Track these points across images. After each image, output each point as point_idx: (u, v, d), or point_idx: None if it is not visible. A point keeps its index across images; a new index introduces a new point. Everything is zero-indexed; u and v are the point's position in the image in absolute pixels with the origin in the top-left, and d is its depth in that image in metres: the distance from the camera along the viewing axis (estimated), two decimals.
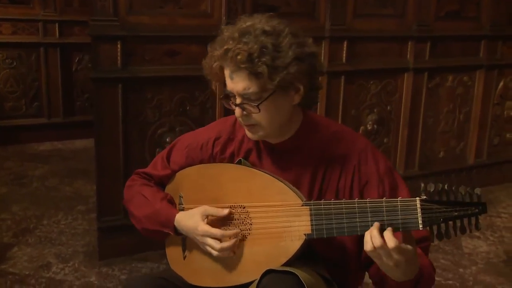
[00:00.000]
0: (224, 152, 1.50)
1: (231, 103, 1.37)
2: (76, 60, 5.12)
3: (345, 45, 3.38)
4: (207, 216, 1.42)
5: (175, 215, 1.47)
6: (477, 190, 1.24)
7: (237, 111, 1.35)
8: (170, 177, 1.59)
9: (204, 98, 3.03)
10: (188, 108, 3.00)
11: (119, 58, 2.75)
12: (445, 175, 4.07)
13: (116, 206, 2.91)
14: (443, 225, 1.23)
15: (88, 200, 3.73)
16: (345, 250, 1.42)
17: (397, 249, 1.18)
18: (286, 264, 1.33)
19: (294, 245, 1.32)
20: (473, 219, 1.24)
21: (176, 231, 1.48)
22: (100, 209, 2.90)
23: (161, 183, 1.61)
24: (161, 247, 2.99)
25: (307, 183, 1.41)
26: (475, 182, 4.21)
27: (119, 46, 2.74)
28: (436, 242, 1.35)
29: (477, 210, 1.23)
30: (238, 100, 1.34)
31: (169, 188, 1.59)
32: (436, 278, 2.81)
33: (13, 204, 3.61)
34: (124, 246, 2.94)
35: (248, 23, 1.33)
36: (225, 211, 1.40)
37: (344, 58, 3.40)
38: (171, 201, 1.55)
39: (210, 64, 1.37)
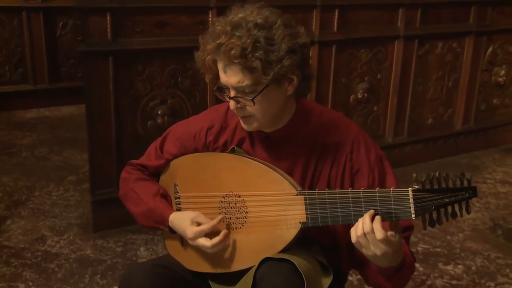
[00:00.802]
0: (217, 141, 1.51)
1: (225, 96, 1.37)
2: (60, 25, 5.01)
3: (336, 14, 3.35)
4: (196, 222, 1.43)
5: (169, 215, 1.49)
6: (468, 175, 1.26)
7: (232, 103, 1.35)
8: (164, 166, 1.59)
9: (195, 69, 2.98)
10: (179, 80, 2.97)
11: (108, 30, 2.70)
12: (433, 142, 4.12)
13: (109, 179, 2.91)
14: (434, 212, 1.25)
15: (79, 170, 3.73)
16: (337, 236, 1.45)
17: (385, 240, 1.22)
18: (282, 251, 1.36)
19: (290, 233, 1.35)
20: (463, 204, 1.26)
21: (171, 229, 1.50)
22: (93, 182, 2.90)
23: (156, 173, 1.62)
24: None
25: (300, 171, 1.43)
26: (462, 148, 4.29)
27: (108, 18, 2.69)
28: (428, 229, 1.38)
29: (467, 195, 1.26)
30: (232, 93, 1.34)
31: (164, 177, 1.60)
32: (424, 246, 2.90)
33: (3, 174, 3.59)
34: (118, 218, 2.96)
35: (240, 15, 1.31)
36: (214, 222, 1.41)
37: (335, 27, 3.37)
38: (164, 195, 1.56)
39: (203, 58, 1.36)
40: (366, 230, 1.23)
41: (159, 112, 2.95)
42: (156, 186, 1.57)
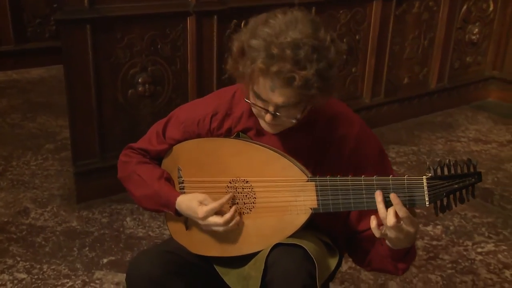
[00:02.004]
0: (221, 128, 1.49)
1: (260, 107, 1.31)
2: None
3: None
4: (205, 205, 1.43)
5: (175, 198, 1.47)
6: (474, 161, 1.30)
7: (269, 117, 1.31)
8: (166, 151, 1.57)
9: (175, 35, 2.94)
10: (159, 46, 2.90)
11: None
12: (408, 101, 4.18)
13: (91, 149, 2.88)
14: (445, 198, 1.29)
15: (56, 138, 3.66)
16: (335, 216, 1.47)
17: (411, 221, 1.26)
18: (291, 236, 1.38)
19: (299, 218, 1.37)
20: (470, 188, 1.30)
21: (177, 212, 1.49)
22: (74, 153, 2.86)
23: (158, 157, 1.60)
24: None
25: (303, 163, 1.43)
26: (436, 107, 4.37)
27: None
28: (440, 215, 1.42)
29: (473, 180, 1.29)
30: (271, 109, 1.30)
31: (166, 162, 1.58)
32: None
33: None
34: (102, 188, 2.95)
35: (291, 34, 1.23)
36: (224, 200, 1.41)
37: None
38: (168, 179, 1.54)
39: (247, 71, 1.27)
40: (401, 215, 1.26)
41: (139, 80, 2.89)
42: (159, 169, 1.55)
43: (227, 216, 1.40)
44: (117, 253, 2.51)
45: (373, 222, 1.29)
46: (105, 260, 2.46)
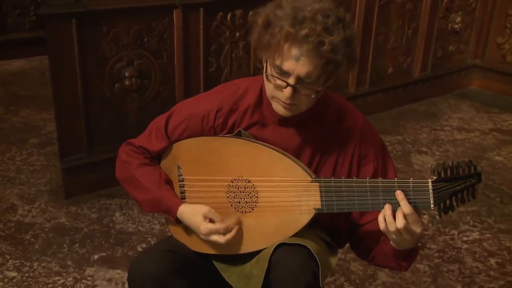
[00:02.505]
0: (226, 124, 1.48)
1: (281, 79, 1.31)
2: None
3: None
4: (208, 218, 1.43)
5: (177, 206, 1.47)
6: (474, 162, 1.32)
7: (288, 90, 1.30)
8: (167, 149, 1.56)
9: (161, 28, 2.91)
10: (145, 39, 2.88)
11: None
12: (393, 91, 4.21)
13: (79, 144, 2.85)
14: (448, 200, 1.31)
15: (40, 132, 3.61)
16: (337, 218, 1.48)
17: (416, 220, 1.28)
18: (293, 235, 1.39)
19: (303, 218, 1.38)
20: (470, 189, 1.32)
21: (178, 219, 1.49)
22: (62, 148, 2.83)
23: (158, 155, 1.59)
24: None
25: (308, 155, 1.45)
26: (420, 95, 4.41)
27: None
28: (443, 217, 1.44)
29: (473, 181, 1.32)
30: (292, 81, 1.29)
31: (166, 159, 1.57)
32: None
33: None
34: (90, 183, 2.93)
35: (318, 5, 1.26)
36: (229, 223, 1.41)
37: None
38: (168, 181, 1.53)
39: (274, 39, 1.26)
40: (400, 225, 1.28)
41: (126, 74, 2.86)
42: (158, 172, 1.54)
43: (229, 236, 1.42)
44: (108, 249, 2.51)
45: (380, 219, 1.31)
46: (96, 257, 2.45)
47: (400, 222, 1.27)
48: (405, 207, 1.27)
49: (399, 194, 1.28)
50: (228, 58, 3.22)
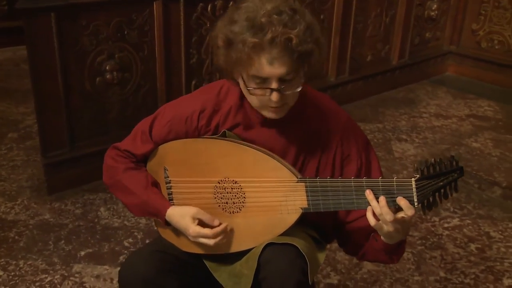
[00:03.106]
0: (209, 125, 1.49)
1: (264, 89, 1.32)
2: None
3: None
4: (197, 219, 1.44)
5: (165, 209, 1.48)
6: (456, 157, 1.35)
7: (275, 95, 1.31)
8: (152, 151, 1.56)
9: (141, 20, 2.88)
10: (126, 32, 2.85)
11: None
12: (372, 78, 4.25)
13: (60, 140, 2.82)
14: (431, 196, 1.34)
15: (18, 126, 3.56)
16: (323, 213, 1.50)
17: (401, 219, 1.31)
18: (282, 234, 1.41)
19: (290, 217, 1.40)
20: (453, 184, 1.36)
21: (166, 222, 1.50)
22: (43, 144, 2.79)
23: (144, 159, 1.58)
24: None
25: (293, 154, 1.46)
26: (398, 82, 4.47)
27: None
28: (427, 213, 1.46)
29: (456, 175, 1.35)
30: (275, 85, 1.31)
31: (152, 162, 1.57)
32: None
33: None
34: (72, 177, 2.91)
35: (268, 5, 1.27)
36: (216, 222, 1.43)
37: None
38: (155, 184, 1.53)
39: (242, 54, 1.27)
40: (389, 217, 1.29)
41: (107, 68, 2.83)
42: (144, 175, 1.54)
43: (217, 239, 1.43)
44: (94, 245, 2.50)
45: (369, 216, 1.33)
46: (82, 253, 2.44)
47: (390, 216, 1.29)
48: (407, 210, 1.29)
49: (382, 200, 1.30)
50: (209, 49, 3.20)
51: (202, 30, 3.13)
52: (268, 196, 1.40)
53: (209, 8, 3.09)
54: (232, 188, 1.44)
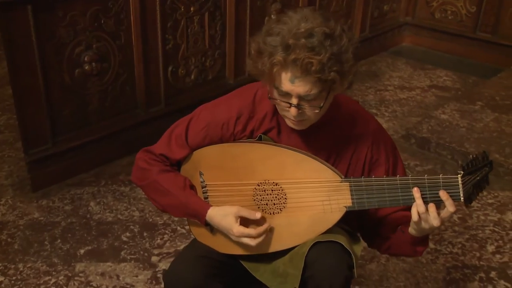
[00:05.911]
0: (245, 130, 1.51)
1: (284, 101, 1.37)
2: None
3: None
4: (240, 217, 1.47)
5: (206, 210, 1.49)
6: (487, 152, 1.45)
7: (293, 110, 1.36)
8: (187, 156, 1.56)
9: (118, 8, 2.81)
10: (102, 21, 2.76)
11: None
12: None
13: (42, 135, 2.74)
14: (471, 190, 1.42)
15: None
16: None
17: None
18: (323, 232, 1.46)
19: (333, 216, 1.45)
20: (485, 177, 1.45)
21: (206, 222, 1.52)
22: (25, 141, 2.70)
23: (178, 163, 1.59)
24: (93, 166, 2.91)
25: (323, 158, 1.49)
26: (360, 56, 4.56)
27: None
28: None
29: (487, 169, 1.45)
30: (295, 101, 1.35)
31: (186, 166, 1.57)
32: None
33: None
34: (56, 173, 2.84)
35: (304, 24, 1.29)
36: (258, 215, 1.46)
37: None
38: (192, 186, 1.55)
39: (267, 67, 1.33)
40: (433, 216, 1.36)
41: (85, 59, 2.75)
42: (181, 177, 1.55)
43: (260, 239, 1.46)
44: (92, 241, 2.48)
45: (414, 211, 1.39)
46: (82, 251, 2.42)
47: (435, 217, 1.37)
48: (450, 206, 1.37)
49: (443, 195, 1.37)
50: (184, 34, 3.16)
51: (177, 14, 3.08)
52: (311, 196, 1.45)
53: None
54: (272, 190, 1.47)
